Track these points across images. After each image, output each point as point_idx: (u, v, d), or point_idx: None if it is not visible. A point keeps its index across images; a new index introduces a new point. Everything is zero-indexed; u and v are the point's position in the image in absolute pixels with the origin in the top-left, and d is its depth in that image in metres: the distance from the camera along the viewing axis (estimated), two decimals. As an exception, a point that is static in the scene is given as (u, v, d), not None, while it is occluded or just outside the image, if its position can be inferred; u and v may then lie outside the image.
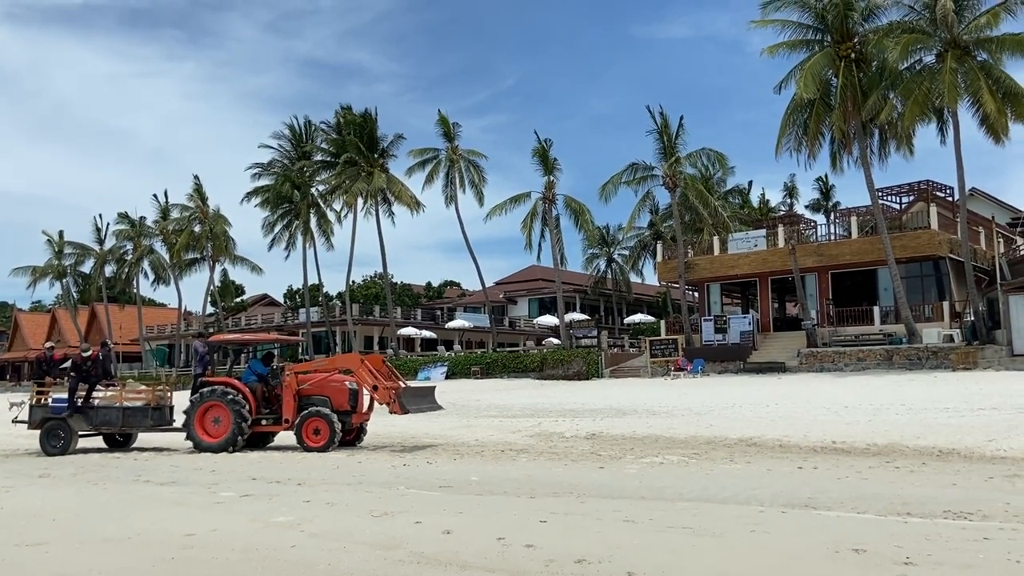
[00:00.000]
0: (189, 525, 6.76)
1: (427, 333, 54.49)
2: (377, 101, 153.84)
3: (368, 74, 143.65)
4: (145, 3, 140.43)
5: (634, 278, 59.85)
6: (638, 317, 52.87)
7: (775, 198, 60.89)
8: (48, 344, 17.16)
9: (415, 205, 48.21)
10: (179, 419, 14.44)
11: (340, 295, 63.43)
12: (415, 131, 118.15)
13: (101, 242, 63.04)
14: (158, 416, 14.70)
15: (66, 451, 14.01)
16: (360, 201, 47.78)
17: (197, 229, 56.12)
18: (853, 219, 35.80)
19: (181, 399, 15.00)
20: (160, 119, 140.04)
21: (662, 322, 42.74)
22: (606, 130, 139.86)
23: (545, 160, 43.51)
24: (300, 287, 61.72)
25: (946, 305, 32.09)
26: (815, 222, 42.18)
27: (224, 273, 69.54)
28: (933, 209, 33.39)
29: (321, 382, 13.79)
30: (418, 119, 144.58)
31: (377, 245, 50.14)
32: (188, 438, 13.66)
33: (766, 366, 31.43)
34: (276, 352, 19.19)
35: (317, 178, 51.90)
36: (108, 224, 62.54)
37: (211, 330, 48.34)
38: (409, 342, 54.00)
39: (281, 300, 75.76)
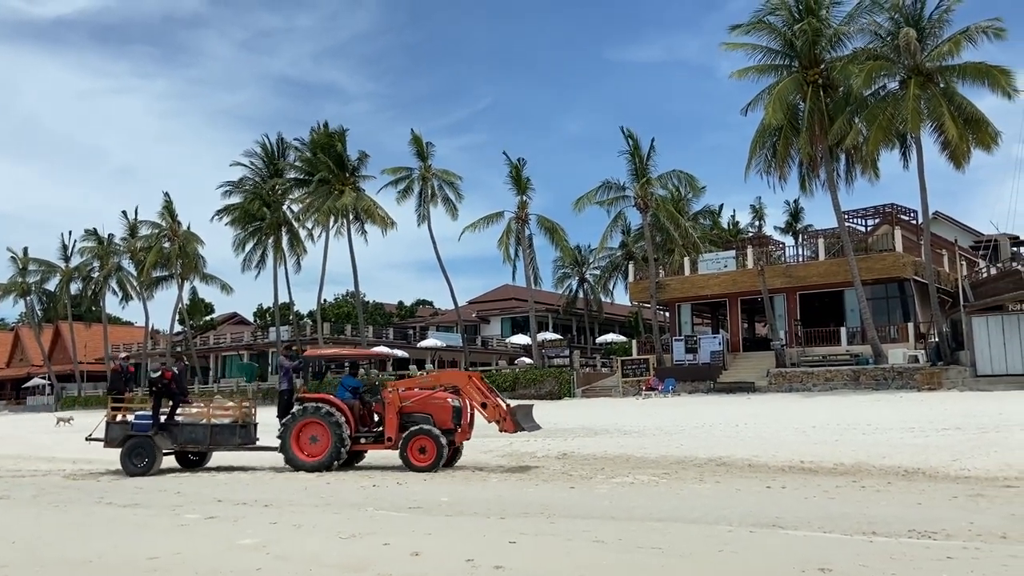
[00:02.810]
0: (152, 548, 6.63)
1: (399, 352, 54.11)
2: (353, 120, 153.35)
3: (344, 93, 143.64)
4: (117, 19, 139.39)
5: (605, 299, 60.12)
6: (610, 337, 53.04)
7: (746, 220, 61.74)
8: (123, 355, 16.20)
9: (387, 224, 48.11)
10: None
11: (311, 314, 62.95)
12: (392, 150, 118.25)
13: (67, 259, 61.96)
14: (244, 434, 13.99)
15: (149, 471, 13.24)
16: (332, 220, 47.58)
17: (167, 247, 55.44)
18: (820, 241, 36.37)
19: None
20: (131, 136, 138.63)
21: (634, 342, 42.94)
22: (580, 151, 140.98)
23: (518, 180, 43.65)
24: (270, 305, 61.08)
25: (911, 326, 32.65)
26: (783, 244, 42.83)
27: (193, 291, 68.74)
28: (898, 232, 34.04)
29: (424, 399, 13.13)
30: (394, 138, 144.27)
31: (349, 264, 49.96)
32: (284, 457, 13.08)
33: (736, 386, 31.66)
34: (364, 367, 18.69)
35: (290, 196, 51.64)
36: (75, 241, 61.62)
37: (292, 344, 47.66)
38: (381, 362, 53.55)
39: (251, 319, 74.95)
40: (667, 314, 42.11)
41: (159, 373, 14.23)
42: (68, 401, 58.47)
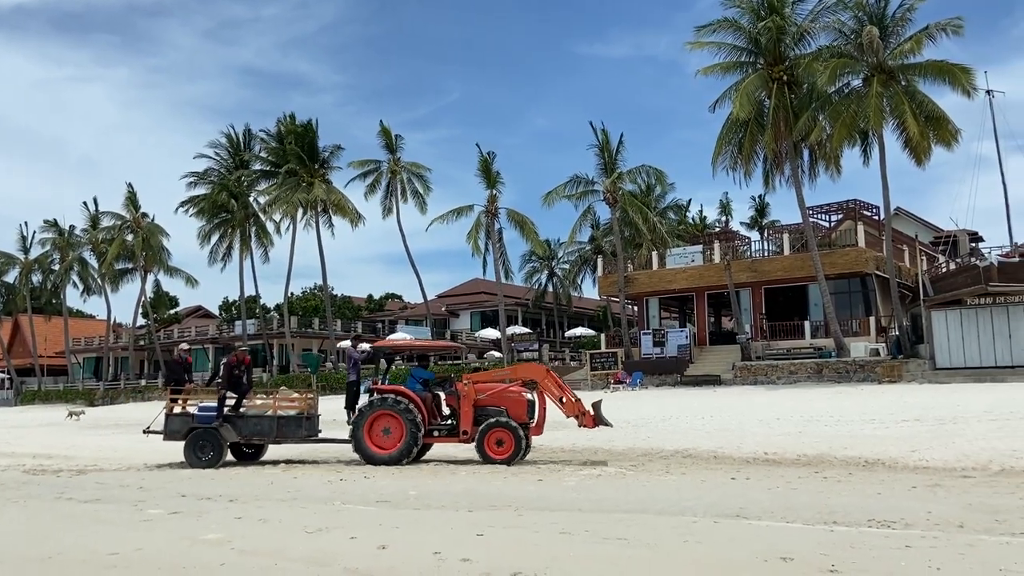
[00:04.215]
0: (113, 543, 6.52)
1: (367, 346, 53.78)
2: (319, 111, 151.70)
3: (310, 84, 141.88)
4: (79, 7, 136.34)
5: (574, 293, 60.33)
6: (579, 331, 53.26)
7: (713, 215, 62.20)
8: (184, 346, 15.57)
9: (356, 217, 47.79)
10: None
11: (278, 307, 62.30)
12: (358, 143, 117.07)
13: (27, 251, 60.60)
14: (309, 426, 13.63)
15: (215, 463, 12.93)
16: (300, 212, 47.13)
17: (130, 239, 54.49)
18: (785, 236, 36.81)
19: (106, 413, 14.39)
20: (92, 126, 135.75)
21: (602, 336, 43.15)
22: (549, 147, 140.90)
23: (488, 173, 43.53)
24: (236, 299, 60.38)
25: (872, 320, 33.22)
26: (749, 239, 43.27)
27: (157, 284, 67.63)
28: (860, 227, 34.58)
29: (498, 392, 12.90)
30: (361, 131, 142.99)
31: (317, 257, 49.65)
32: (356, 450, 12.80)
33: (702, 379, 32.00)
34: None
35: (256, 188, 51.03)
36: (34, 232, 60.28)
37: (362, 335, 46.95)
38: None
39: (216, 312, 73.98)
40: (635, 308, 42.39)
41: (247, 349, 14.16)
42: (28, 395, 57.30)
